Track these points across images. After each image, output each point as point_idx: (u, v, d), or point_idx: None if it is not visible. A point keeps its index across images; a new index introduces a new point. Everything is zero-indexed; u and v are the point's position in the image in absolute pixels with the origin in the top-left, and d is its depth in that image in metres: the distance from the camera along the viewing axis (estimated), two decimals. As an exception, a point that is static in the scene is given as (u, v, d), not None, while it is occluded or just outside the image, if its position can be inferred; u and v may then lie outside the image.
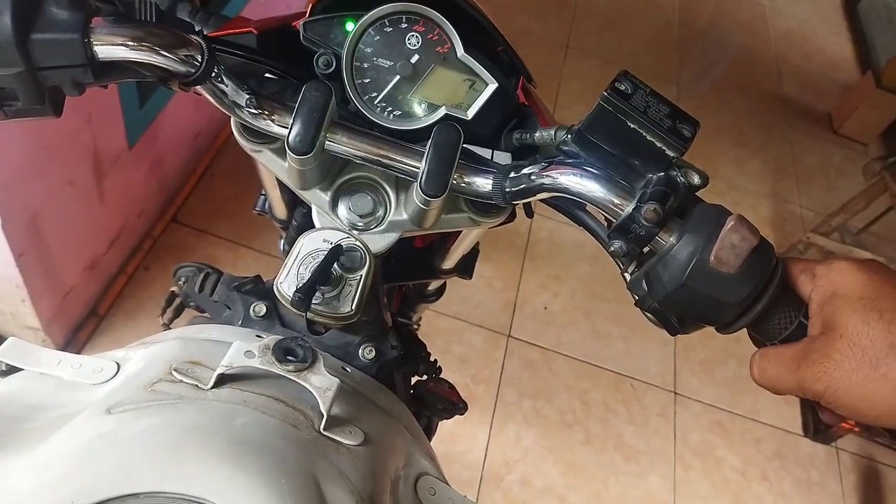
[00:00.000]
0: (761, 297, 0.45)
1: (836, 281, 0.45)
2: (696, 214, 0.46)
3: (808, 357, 0.44)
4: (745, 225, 0.44)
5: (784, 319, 0.46)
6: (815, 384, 0.44)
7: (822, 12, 3.98)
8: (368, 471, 0.44)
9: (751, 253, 0.44)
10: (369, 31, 0.55)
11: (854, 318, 0.43)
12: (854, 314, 0.43)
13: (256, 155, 0.56)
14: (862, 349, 0.42)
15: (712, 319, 0.47)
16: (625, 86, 0.47)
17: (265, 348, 0.46)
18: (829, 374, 0.43)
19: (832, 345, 0.43)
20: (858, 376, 0.42)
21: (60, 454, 0.39)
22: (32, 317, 1.47)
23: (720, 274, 0.44)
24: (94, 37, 0.43)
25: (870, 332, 0.42)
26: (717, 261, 0.43)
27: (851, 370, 0.42)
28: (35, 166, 1.26)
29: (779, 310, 0.46)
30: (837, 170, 3.05)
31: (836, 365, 0.43)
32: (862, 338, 0.42)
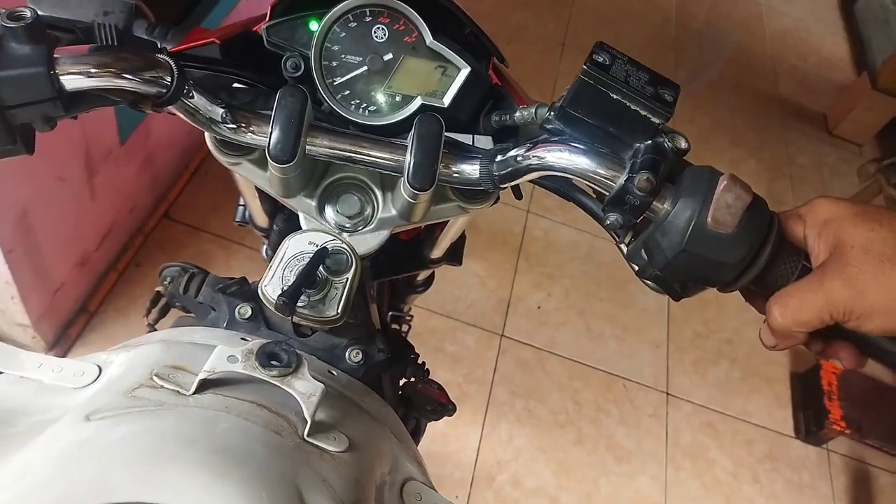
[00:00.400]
0: (761, 253, 0.45)
1: (824, 208, 0.46)
2: (687, 178, 0.46)
3: (827, 274, 0.45)
4: (738, 183, 0.44)
5: (787, 269, 0.46)
6: (842, 293, 0.44)
7: (818, 12, 3.98)
8: (353, 478, 0.43)
9: (746, 210, 0.44)
10: (334, 29, 0.54)
11: (858, 230, 0.45)
12: (856, 227, 0.45)
13: (235, 168, 0.55)
14: (877, 252, 0.44)
15: (715, 280, 0.47)
16: (603, 57, 0.47)
17: (248, 353, 0.46)
18: (854, 278, 0.44)
19: (846, 258, 0.44)
20: (882, 274, 0.43)
21: (38, 461, 0.38)
22: (22, 314, 1.46)
23: (718, 235, 0.44)
24: (59, 68, 0.42)
25: (877, 237, 0.44)
26: (715, 222, 0.43)
27: (873, 271, 0.44)
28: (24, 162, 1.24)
29: (781, 261, 0.46)
30: (832, 170, 3.05)
31: (858, 269, 0.44)
32: (874, 243, 0.44)
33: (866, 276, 0.44)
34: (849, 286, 0.44)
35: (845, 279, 0.44)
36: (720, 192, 0.44)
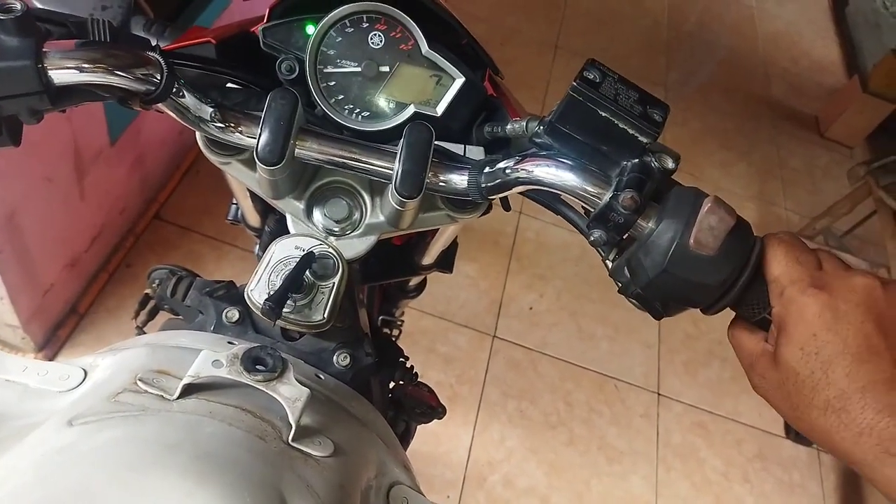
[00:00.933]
0: (742, 276, 0.45)
1: (792, 315, 0.44)
2: (672, 198, 0.46)
3: (755, 366, 0.47)
4: (722, 206, 0.44)
5: (765, 296, 0.47)
6: (755, 388, 0.47)
7: (809, 15, 4.00)
8: (337, 483, 0.44)
9: (729, 233, 0.44)
10: (331, 33, 0.54)
11: (790, 363, 0.44)
12: (790, 359, 0.44)
13: (225, 167, 0.55)
14: (787, 392, 0.44)
15: (695, 302, 0.47)
16: (593, 74, 0.47)
17: (234, 357, 0.46)
18: (764, 389, 0.47)
19: (770, 370, 0.46)
20: (784, 405, 0.45)
21: (20, 467, 0.38)
22: (11, 315, 1.45)
23: (700, 257, 0.44)
24: (47, 62, 0.42)
25: (797, 382, 0.43)
26: (697, 244, 0.44)
27: (779, 398, 0.45)
28: (13, 163, 1.24)
29: (758, 287, 0.46)
30: (823, 173, 3.07)
31: (769, 387, 0.46)
32: (788, 383, 0.44)
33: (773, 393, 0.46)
34: (759, 389, 0.47)
35: (759, 382, 0.46)
36: (703, 214, 0.44)
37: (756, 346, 0.47)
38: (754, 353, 0.47)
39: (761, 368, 0.46)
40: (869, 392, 0.40)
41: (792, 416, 0.44)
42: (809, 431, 0.43)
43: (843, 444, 0.41)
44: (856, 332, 0.42)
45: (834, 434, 0.41)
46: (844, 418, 0.41)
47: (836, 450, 0.42)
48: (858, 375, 0.41)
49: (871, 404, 0.40)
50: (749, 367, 0.48)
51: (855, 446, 0.41)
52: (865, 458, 0.40)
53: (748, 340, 0.48)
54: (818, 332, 0.42)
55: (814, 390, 0.42)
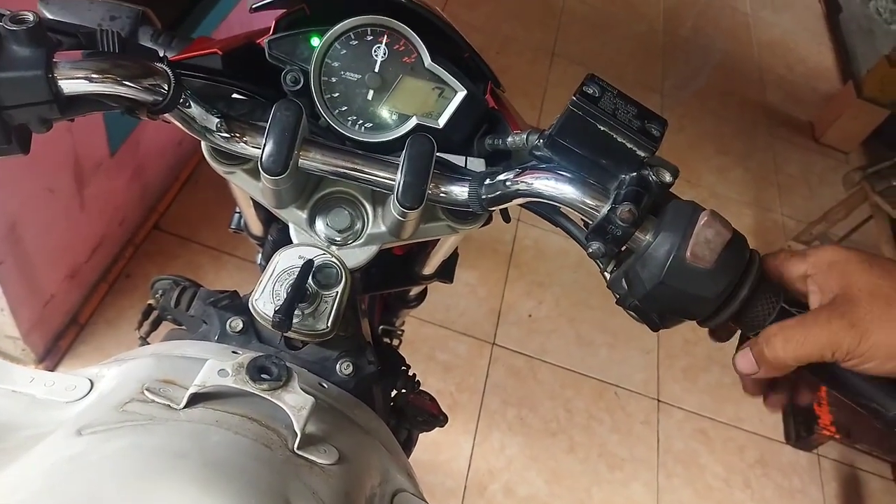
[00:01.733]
0: (740, 290, 0.46)
1: (830, 252, 0.47)
2: (669, 212, 0.47)
3: (835, 313, 0.46)
4: (718, 219, 0.45)
5: (766, 308, 0.47)
6: (848, 332, 0.45)
7: (804, 22, 4.02)
8: (342, 490, 0.44)
9: (725, 247, 0.45)
10: (335, 45, 0.55)
11: (867, 275, 0.46)
12: (864, 273, 0.46)
13: (230, 177, 0.56)
14: (885, 297, 0.45)
15: (692, 314, 0.48)
16: (593, 89, 0.48)
17: (239, 367, 0.46)
18: (862, 319, 0.45)
19: (854, 299, 0.46)
20: (889, 317, 0.45)
21: (29, 476, 0.38)
22: (12, 326, 1.45)
23: (697, 269, 0.45)
24: (57, 72, 0.43)
25: (885, 283, 0.45)
26: (693, 257, 0.44)
27: (880, 314, 0.45)
28: (14, 173, 1.24)
29: (759, 299, 0.47)
30: (819, 178, 3.08)
31: (867, 311, 0.45)
32: (882, 288, 0.45)
33: (873, 319, 0.45)
34: (855, 326, 0.45)
35: (852, 319, 0.45)
36: (700, 228, 0.44)
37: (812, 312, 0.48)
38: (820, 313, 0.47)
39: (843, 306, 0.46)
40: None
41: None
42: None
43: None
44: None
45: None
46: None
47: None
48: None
49: None
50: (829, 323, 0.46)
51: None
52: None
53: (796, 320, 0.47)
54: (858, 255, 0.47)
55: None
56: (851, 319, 0.45)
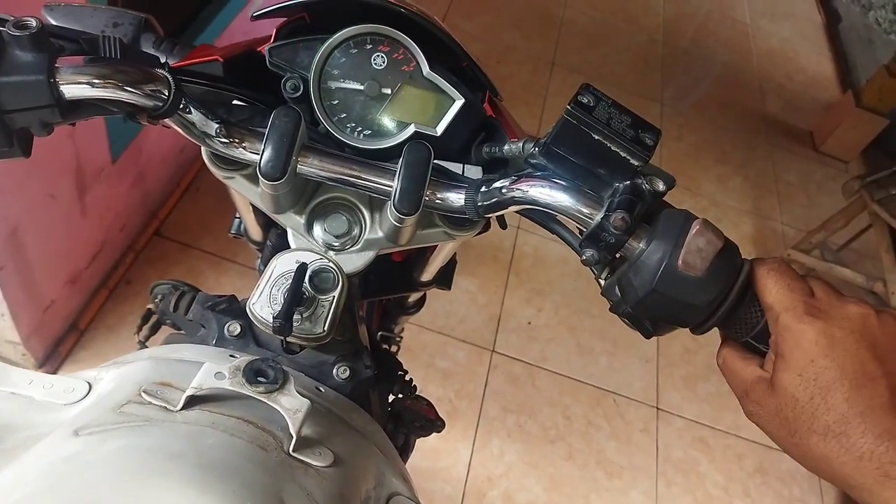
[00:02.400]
0: (727, 298, 0.46)
1: (788, 342, 0.45)
2: (662, 220, 0.47)
3: (749, 393, 0.47)
4: (710, 228, 0.46)
5: (751, 319, 0.48)
6: (748, 415, 0.48)
7: (803, 32, 4.04)
8: (336, 492, 0.44)
9: (716, 256, 0.45)
10: (335, 54, 0.56)
11: (787, 389, 0.44)
12: (788, 385, 0.44)
13: (229, 182, 0.56)
14: (785, 418, 0.44)
15: (684, 321, 0.48)
16: (587, 98, 0.48)
17: (235, 370, 0.47)
18: (759, 417, 0.47)
19: (766, 397, 0.46)
20: (780, 433, 0.46)
21: (27, 476, 0.39)
22: (12, 331, 1.46)
23: (688, 277, 0.45)
24: (59, 77, 0.44)
25: (795, 408, 0.44)
26: (685, 265, 0.45)
27: (775, 425, 0.46)
28: (15, 179, 1.25)
29: (745, 309, 0.48)
30: (818, 187, 3.09)
31: (765, 414, 0.46)
32: (787, 409, 0.44)
33: (769, 421, 0.45)
34: (754, 416, 0.47)
35: (754, 409, 0.46)
36: (692, 236, 0.45)
37: (751, 372, 0.47)
38: (749, 380, 0.47)
39: (757, 395, 0.46)
40: (868, 417, 0.41)
41: (789, 443, 0.45)
42: (805, 458, 0.44)
43: (844, 469, 0.42)
44: (852, 359, 0.43)
45: (834, 460, 0.42)
46: (845, 443, 0.41)
47: (834, 475, 0.43)
48: (857, 400, 0.42)
49: (870, 429, 0.41)
50: (743, 394, 0.48)
51: (855, 471, 0.41)
52: (865, 483, 0.41)
53: (742, 367, 0.48)
54: (815, 358, 0.43)
55: (813, 416, 0.42)
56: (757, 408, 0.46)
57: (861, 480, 0.41)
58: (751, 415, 0.47)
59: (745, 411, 0.48)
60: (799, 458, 0.44)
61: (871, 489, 0.41)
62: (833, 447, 0.42)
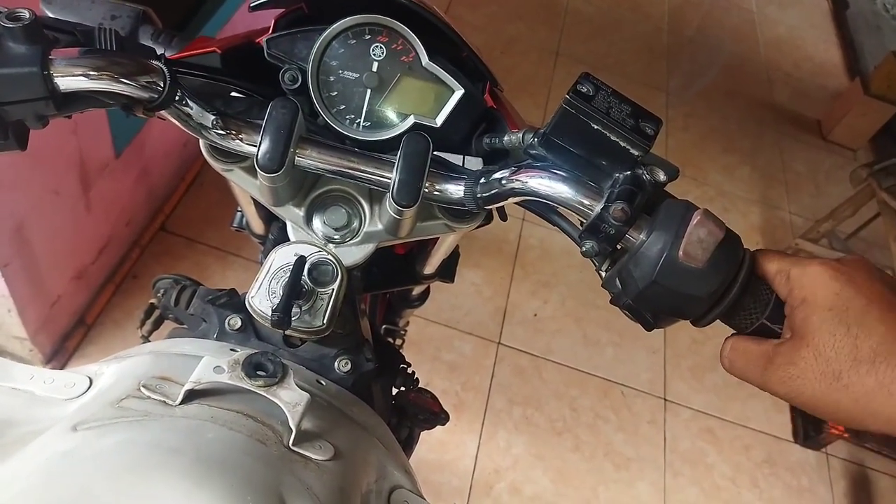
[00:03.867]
0: (730, 290, 0.46)
1: (807, 287, 0.45)
2: (663, 211, 0.46)
3: (774, 360, 0.45)
4: (711, 219, 0.45)
5: (755, 310, 0.47)
6: (778, 387, 0.46)
7: (811, 19, 4.01)
8: (336, 486, 0.44)
9: (717, 247, 0.44)
10: (333, 45, 0.55)
11: (821, 329, 0.43)
12: (822, 325, 0.43)
13: (228, 174, 0.56)
14: (826, 360, 0.43)
15: (685, 313, 0.48)
16: (586, 88, 0.48)
17: (235, 363, 0.46)
18: (793, 380, 0.44)
19: (798, 352, 0.44)
20: (821, 385, 0.43)
21: (25, 471, 0.38)
22: (19, 327, 1.46)
23: (689, 269, 0.44)
24: (53, 69, 0.43)
25: (835, 345, 0.43)
26: (686, 256, 0.44)
27: (814, 379, 0.43)
28: (20, 175, 1.25)
29: (748, 301, 0.47)
30: (827, 176, 3.07)
31: (800, 372, 0.44)
32: (827, 349, 0.43)
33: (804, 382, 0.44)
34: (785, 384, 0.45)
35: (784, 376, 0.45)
36: (693, 227, 0.44)
37: (768, 344, 0.46)
38: (768, 353, 0.46)
39: (785, 357, 0.45)
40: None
41: (835, 389, 0.43)
42: (858, 400, 0.42)
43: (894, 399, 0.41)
44: (871, 287, 0.43)
45: (890, 385, 0.41)
46: (894, 362, 0.41)
47: (884, 410, 0.41)
48: (891, 319, 0.42)
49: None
50: (767, 365, 0.46)
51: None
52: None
53: (756, 346, 0.47)
54: (840, 290, 0.43)
55: (855, 345, 0.42)
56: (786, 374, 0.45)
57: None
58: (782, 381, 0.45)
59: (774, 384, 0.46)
60: (850, 404, 0.42)
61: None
62: (885, 372, 0.41)
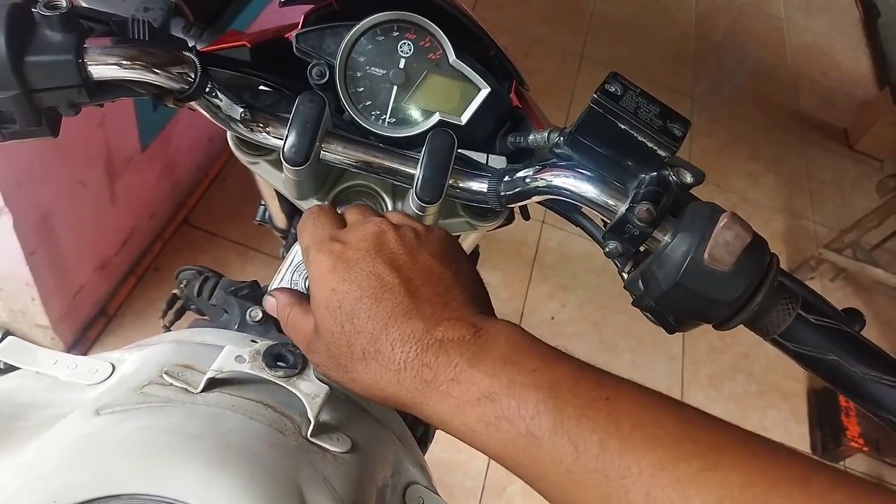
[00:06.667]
0: (756, 294, 0.45)
1: (312, 275, 0.44)
2: (689, 213, 0.46)
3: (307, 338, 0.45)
4: (738, 222, 0.44)
5: (782, 314, 0.46)
6: (318, 369, 0.46)
7: (840, 27, 3.95)
8: (353, 478, 0.44)
9: (744, 250, 0.44)
10: (361, 41, 0.56)
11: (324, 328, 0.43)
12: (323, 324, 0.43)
13: (253, 167, 0.57)
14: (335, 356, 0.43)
15: (708, 317, 0.47)
16: (615, 87, 0.47)
17: (256, 354, 0.47)
18: (321, 366, 0.45)
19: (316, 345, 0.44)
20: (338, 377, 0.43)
21: (47, 453, 0.39)
22: (42, 315, 1.49)
23: (714, 272, 0.44)
24: (88, 57, 0.44)
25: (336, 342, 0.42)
26: (712, 259, 0.43)
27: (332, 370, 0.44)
28: (47, 166, 1.27)
29: (776, 306, 0.46)
30: (852, 186, 3.02)
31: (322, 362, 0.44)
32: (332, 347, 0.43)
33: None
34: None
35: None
36: (719, 230, 0.43)
37: (307, 324, 0.45)
38: (307, 332, 0.45)
39: (310, 345, 0.45)
40: (392, 326, 0.40)
41: (347, 381, 0.43)
42: (366, 391, 0.42)
43: (391, 389, 0.40)
44: (368, 276, 0.42)
45: (381, 381, 0.40)
46: (381, 360, 0.40)
47: (389, 399, 0.41)
48: (379, 314, 0.41)
49: (397, 338, 0.40)
50: (306, 351, 0.46)
51: (399, 387, 0.40)
52: (411, 397, 0.39)
53: (301, 321, 0.46)
54: (335, 285, 0.42)
55: (349, 344, 0.41)
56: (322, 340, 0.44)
57: (408, 395, 0.40)
58: (317, 367, 0.46)
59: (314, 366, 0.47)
60: (361, 393, 0.42)
61: (416, 402, 0.39)
62: (375, 369, 0.40)
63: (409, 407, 0.41)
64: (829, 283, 2.55)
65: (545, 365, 0.38)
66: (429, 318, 0.41)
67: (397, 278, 0.42)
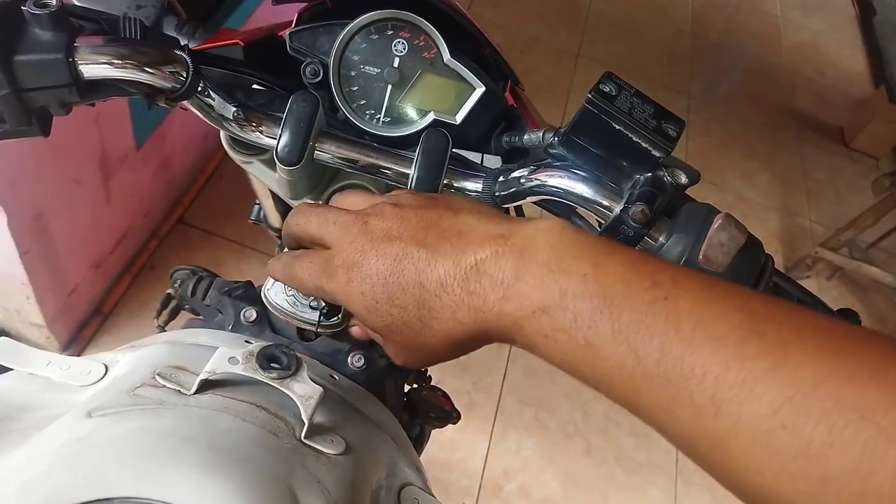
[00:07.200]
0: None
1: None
2: (683, 214, 0.46)
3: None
4: (733, 223, 0.44)
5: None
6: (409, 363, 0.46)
7: (836, 25, 3.96)
8: (347, 480, 0.44)
9: (739, 251, 0.44)
10: (355, 39, 0.55)
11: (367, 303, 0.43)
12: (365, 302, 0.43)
13: (247, 166, 0.56)
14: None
15: None
16: (609, 87, 0.47)
17: (249, 355, 0.46)
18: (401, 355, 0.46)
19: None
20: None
21: (38, 456, 0.39)
22: (37, 314, 1.48)
23: (709, 273, 0.44)
24: (78, 56, 0.44)
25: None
26: (706, 260, 0.43)
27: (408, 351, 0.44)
28: (42, 164, 1.27)
29: None
30: (848, 184, 3.03)
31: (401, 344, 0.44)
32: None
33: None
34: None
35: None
36: (714, 231, 0.44)
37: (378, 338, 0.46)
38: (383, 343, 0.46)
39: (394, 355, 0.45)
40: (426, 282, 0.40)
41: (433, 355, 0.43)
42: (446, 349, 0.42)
43: (457, 332, 0.40)
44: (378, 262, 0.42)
45: (450, 333, 0.40)
46: (437, 315, 0.40)
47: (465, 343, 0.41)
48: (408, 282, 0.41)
49: (436, 287, 0.40)
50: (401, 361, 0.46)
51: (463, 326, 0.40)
52: (478, 328, 0.39)
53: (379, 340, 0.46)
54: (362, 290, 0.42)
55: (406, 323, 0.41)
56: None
57: (474, 327, 0.39)
58: (412, 366, 0.46)
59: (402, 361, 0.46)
60: (450, 355, 0.42)
61: (483, 330, 0.39)
62: (438, 327, 0.40)
63: (482, 339, 0.41)
64: (825, 281, 2.55)
65: (595, 268, 0.37)
66: (450, 254, 0.40)
67: (402, 243, 0.41)
